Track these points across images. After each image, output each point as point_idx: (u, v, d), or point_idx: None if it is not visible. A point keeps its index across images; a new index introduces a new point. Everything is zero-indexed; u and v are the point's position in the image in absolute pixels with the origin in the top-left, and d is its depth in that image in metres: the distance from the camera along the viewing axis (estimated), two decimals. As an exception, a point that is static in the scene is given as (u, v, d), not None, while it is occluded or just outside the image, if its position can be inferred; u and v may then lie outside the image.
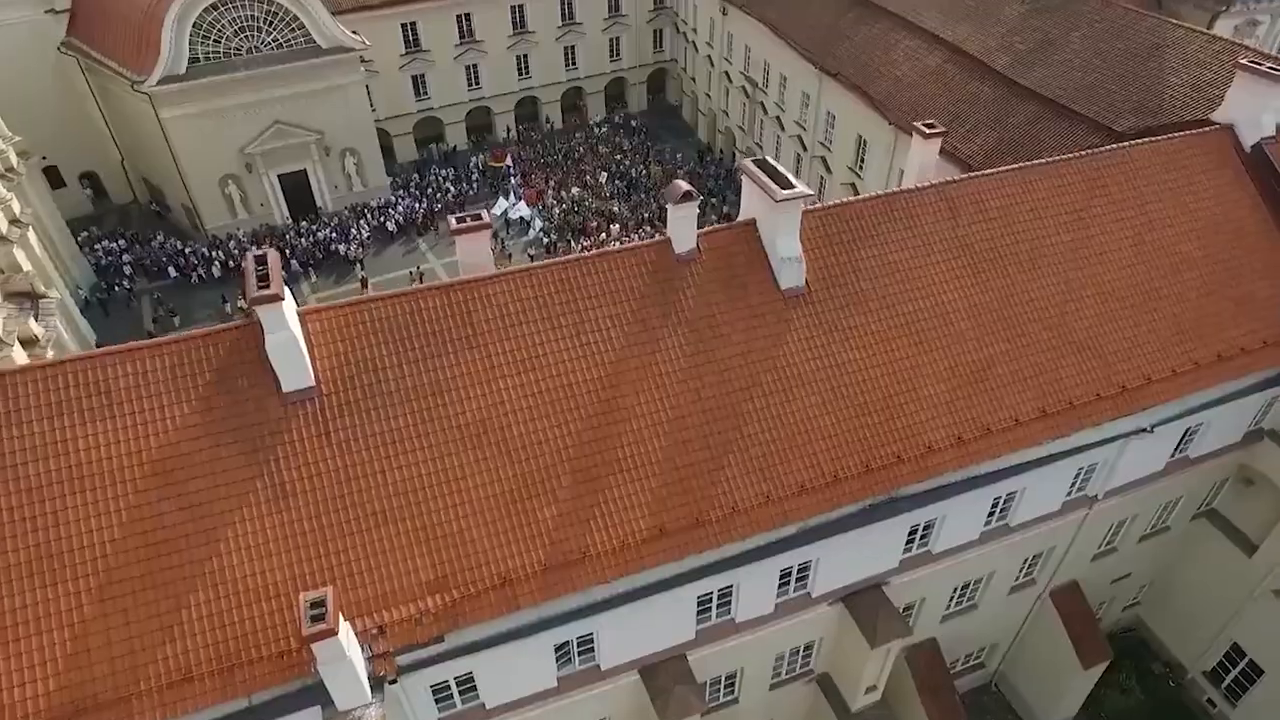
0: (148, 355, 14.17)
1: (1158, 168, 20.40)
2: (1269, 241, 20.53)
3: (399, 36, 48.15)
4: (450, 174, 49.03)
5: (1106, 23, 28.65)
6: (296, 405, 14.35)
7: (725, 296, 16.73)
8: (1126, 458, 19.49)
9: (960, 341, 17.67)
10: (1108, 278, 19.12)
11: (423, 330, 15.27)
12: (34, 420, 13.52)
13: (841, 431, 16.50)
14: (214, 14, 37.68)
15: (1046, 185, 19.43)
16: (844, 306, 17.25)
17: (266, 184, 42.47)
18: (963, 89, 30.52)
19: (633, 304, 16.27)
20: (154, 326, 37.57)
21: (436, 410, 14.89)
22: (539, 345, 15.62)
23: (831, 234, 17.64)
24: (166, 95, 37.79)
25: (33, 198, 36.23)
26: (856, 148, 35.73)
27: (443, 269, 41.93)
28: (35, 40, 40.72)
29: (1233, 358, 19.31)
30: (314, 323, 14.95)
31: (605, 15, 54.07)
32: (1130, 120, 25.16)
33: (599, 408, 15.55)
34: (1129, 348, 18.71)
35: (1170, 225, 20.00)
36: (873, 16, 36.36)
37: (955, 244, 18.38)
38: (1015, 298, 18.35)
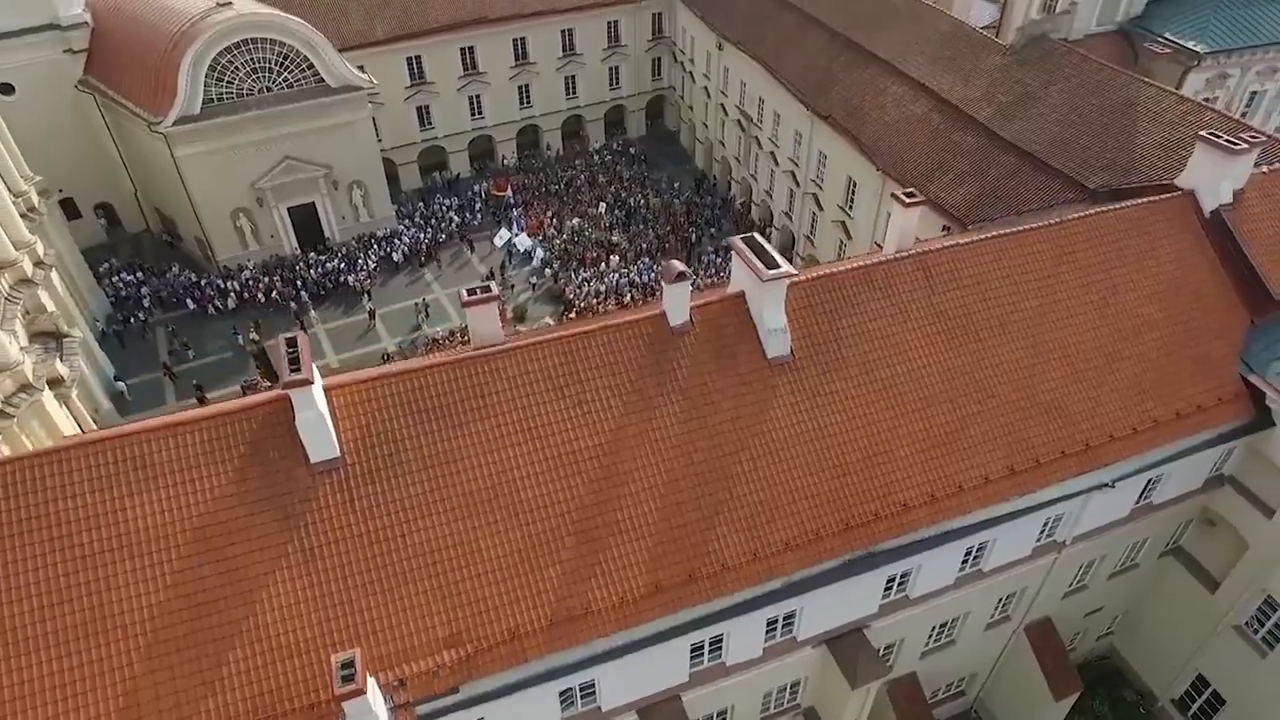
0: (187, 430, 15.53)
1: (1123, 233, 21.78)
2: (1226, 303, 21.91)
3: (404, 70, 49.52)
4: (454, 203, 50.35)
5: (1083, 78, 30.05)
6: (323, 475, 15.71)
7: (716, 365, 18.10)
8: (1091, 508, 20.87)
9: (934, 404, 19.05)
10: (1074, 340, 20.50)
11: (437, 402, 16.64)
12: (86, 492, 14.89)
13: (823, 491, 17.88)
14: (228, 57, 39.04)
15: (1017, 253, 20.82)
16: (826, 373, 18.62)
17: (276, 216, 43.82)
18: (947, 138, 31.91)
19: (631, 374, 17.64)
20: (169, 358, 38.89)
21: (451, 477, 16.26)
22: (545, 415, 16.98)
23: (815, 304, 19.02)
24: (181, 135, 39.14)
25: (53, 234, 37.59)
26: (847, 188, 37.12)
27: (447, 299, 43.27)
28: (53, 78, 42.06)
29: (1190, 415, 20.70)
30: (338, 397, 16.30)
31: (605, 46, 55.47)
32: (1102, 178, 26.55)
33: (600, 472, 16.92)
34: (1093, 407, 20.09)
35: (1133, 289, 21.38)
36: (863, 61, 37.75)
37: (930, 311, 19.77)
38: (986, 361, 19.74)
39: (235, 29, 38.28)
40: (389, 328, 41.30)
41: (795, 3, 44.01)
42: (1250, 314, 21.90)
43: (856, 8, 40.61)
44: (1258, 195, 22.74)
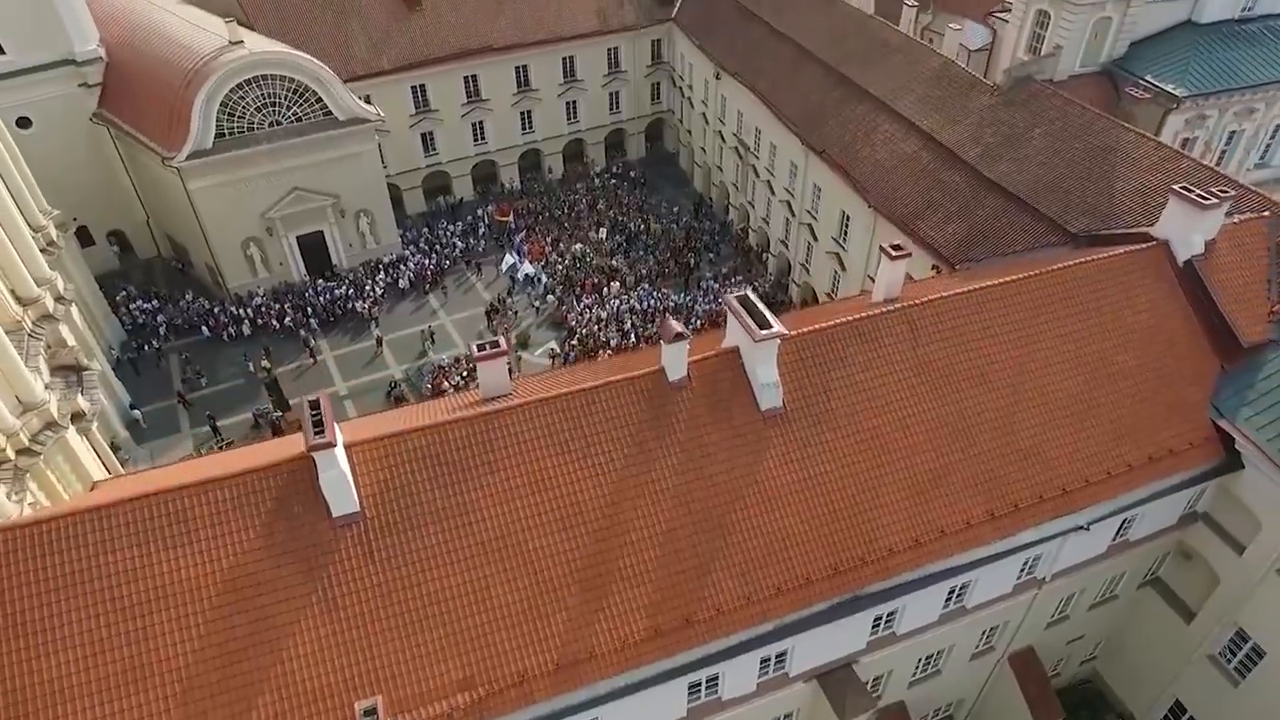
0: (219, 487, 16.62)
1: (1100, 283, 22.89)
2: (1198, 350, 23.01)
3: (409, 98, 50.70)
4: (458, 228, 51.48)
5: (1066, 121, 31.16)
6: (344, 528, 16.81)
7: (712, 418, 19.21)
8: (1069, 547, 21.94)
9: (918, 452, 20.15)
10: (1051, 388, 21.61)
11: (450, 458, 17.74)
12: (124, 547, 15.99)
13: (813, 537, 18.98)
14: (239, 92, 40.19)
15: (997, 304, 21.94)
16: (816, 424, 19.73)
17: (285, 245, 44.96)
18: (936, 177, 33.03)
19: (631, 428, 18.74)
20: (183, 386, 39.99)
21: (463, 529, 17.36)
22: (550, 468, 18.08)
23: (805, 358, 20.14)
24: (194, 169, 40.28)
25: (70, 265, 38.70)
26: (840, 221, 38.25)
27: (452, 325, 44.39)
28: (69, 111, 43.24)
29: (1162, 459, 21.80)
30: (357, 453, 17.40)
31: (605, 72, 56.64)
32: (1083, 223, 27.67)
33: (602, 523, 18.01)
34: (1069, 453, 21.19)
35: (1109, 337, 22.50)
36: (856, 97, 38.88)
37: (915, 362, 20.88)
38: (967, 410, 20.84)
39: (247, 67, 39.44)
40: (396, 354, 42.42)
41: (791, 35, 45.18)
42: (1221, 360, 23.00)
43: (850, 43, 41.78)
44: (1228, 245, 23.85)
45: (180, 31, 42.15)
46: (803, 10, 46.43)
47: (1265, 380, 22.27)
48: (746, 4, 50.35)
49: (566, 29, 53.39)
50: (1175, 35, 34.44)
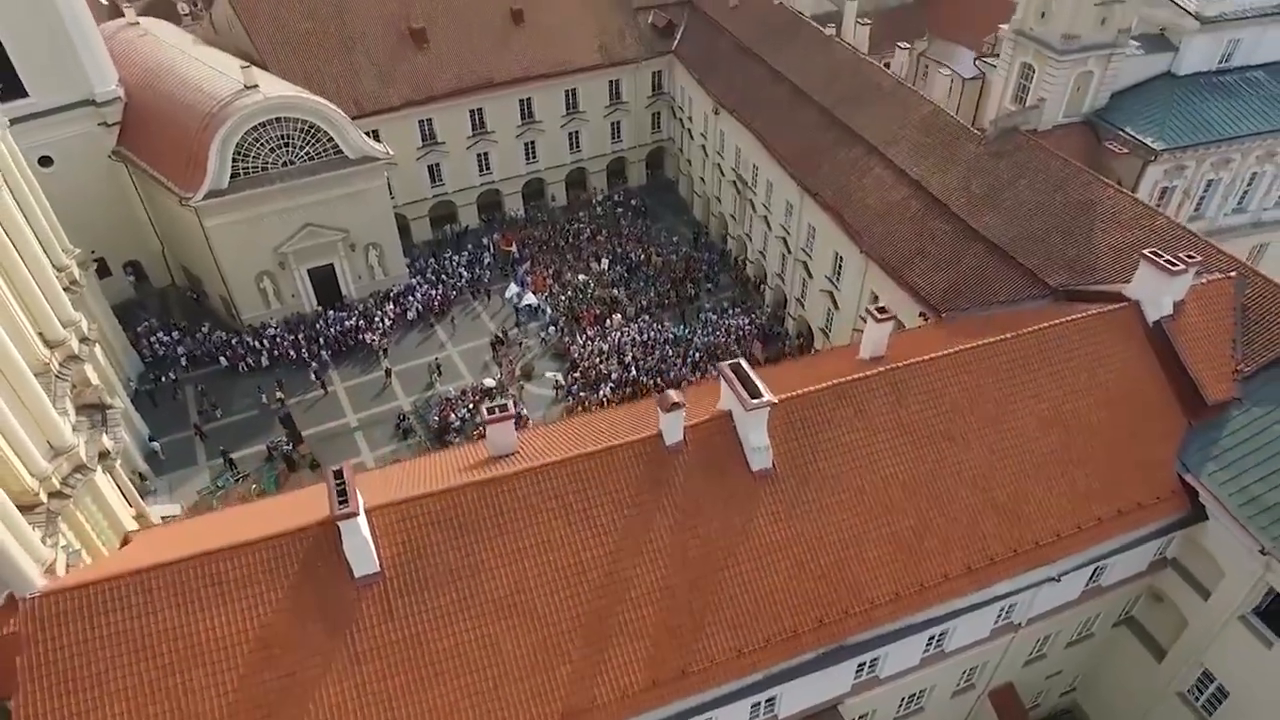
0: (251, 551, 18.00)
1: (1074, 344, 24.23)
2: (1166, 408, 24.33)
3: (416, 131, 52.18)
4: (463, 258, 52.90)
5: (1049, 174, 32.48)
6: (365, 588, 18.19)
7: (706, 480, 20.57)
8: (1043, 595, 23.30)
9: (900, 510, 21.51)
10: (1026, 446, 22.94)
11: (463, 521, 19.10)
12: (165, 608, 17.38)
13: (800, 591, 20.34)
14: (254, 134, 41.64)
15: (976, 366, 23.29)
16: (804, 484, 21.09)
17: (297, 277, 46.40)
18: (924, 225, 34.40)
19: (631, 490, 20.11)
20: (199, 418, 41.41)
21: (475, 587, 18.73)
22: (556, 529, 19.45)
23: (794, 421, 21.49)
24: (210, 207, 41.74)
25: (91, 302, 40.12)
26: (834, 261, 39.61)
27: (458, 356, 45.79)
28: (89, 149, 44.73)
29: (1131, 512, 23.14)
30: (377, 517, 18.78)
31: (607, 103, 58.10)
32: (1062, 277, 29.01)
33: (604, 580, 19.38)
34: (1042, 508, 22.54)
35: (1083, 396, 23.83)
36: (849, 141, 40.26)
37: (897, 423, 22.23)
38: (947, 469, 22.20)
39: (262, 111, 40.90)
40: (404, 385, 43.82)
41: (788, 75, 46.59)
42: (1188, 417, 24.33)
43: (844, 85, 43.16)
44: (1196, 307, 25.20)
45: (197, 74, 43.61)
46: (799, 49, 47.86)
47: (1228, 437, 23.63)
48: (745, 41, 51.81)
49: (569, 63, 54.88)
50: (1155, 86, 35.81)
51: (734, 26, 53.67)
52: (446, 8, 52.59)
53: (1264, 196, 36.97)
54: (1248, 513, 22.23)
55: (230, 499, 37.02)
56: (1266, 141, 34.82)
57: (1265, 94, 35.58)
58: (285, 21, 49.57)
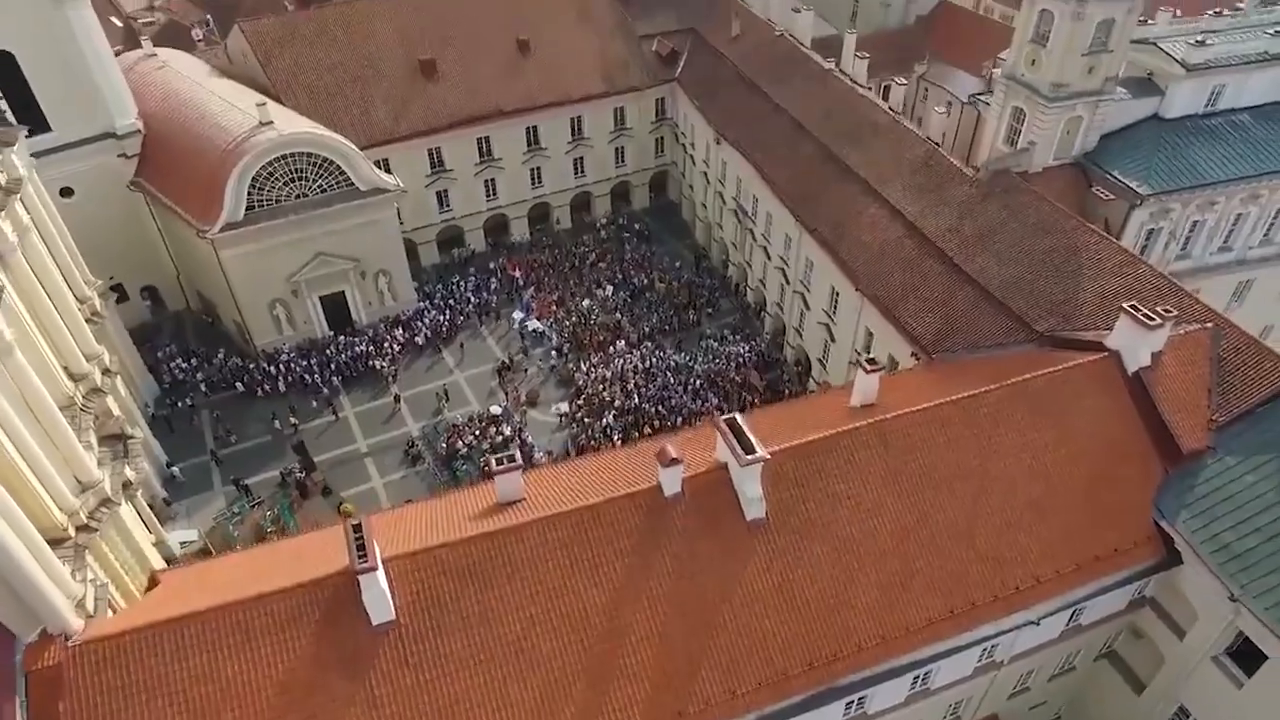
0: (275, 601, 19.26)
1: (1055, 395, 25.40)
2: (1144, 456, 25.44)
3: (425, 160, 53.47)
4: (470, 284, 54.17)
5: (1038, 218, 33.59)
6: (382, 635, 19.42)
7: (702, 529, 21.77)
8: (1024, 636, 24.45)
9: (886, 557, 22.68)
10: (1009, 494, 24.10)
11: (473, 570, 20.33)
12: (195, 654, 18.64)
13: (790, 636, 21.53)
14: (269, 168, 42.93)
15: (961, 418, 24.46)
16: (795, 532, 22.28)
17: (310, 304, 47.70)
18: (917, 266, 35.52)
19: (632, 539, 21.33)
20: (214, 444, 42.71)
21: (485, 632, 19.95)
22: (561, 577, 20.66)
23: (787, 471, 22.67)
24: (226, 239, 43.02)
25: (112, 332, 41.44)
26: (831, 295, 40.75)
27: (465, 382, 47.03)
28: (108, 180, 46.05)
29: (1108, 558, 24.29)
30: (394, 566, 20.02)
31: (611, 129, 59.35)
32: (1049, 323, 30.14)
33: (605, 625, 20.59)
34: (1023, 554, 23.69)
35: (1063, 446, 24.98)
36: (846, 177, 41.40)
37: (885, 473, 23.41)
38: (931, 517, 23.36)
39: (277, 147, 42.21)
40: (413, 411, 45.07)
41: (786, 108, 47.77)
42: (1165, 464, 25.45)
43: (841, 120, 44.31)
44: (1173, 358, 26.34)
45: (213, 109, 44.93)
46: (798, 82, 49.03)
47: (1202, 485, 24.74)
48: (745, 71, 53.02)
49: (575, 92, 56.12)
50: (1143, 129, 36.89)
51: (735, 56, 54.89)
52: (455, 39, 53.91)
53: (1249, 235, 38.07)
54: (1219, 559, 23.34)
55: (246, 525, 38.31)
56: (1250, 185, 35.91)
57: (1249, 138, 36.67)
58: (298, 56, 50.93)
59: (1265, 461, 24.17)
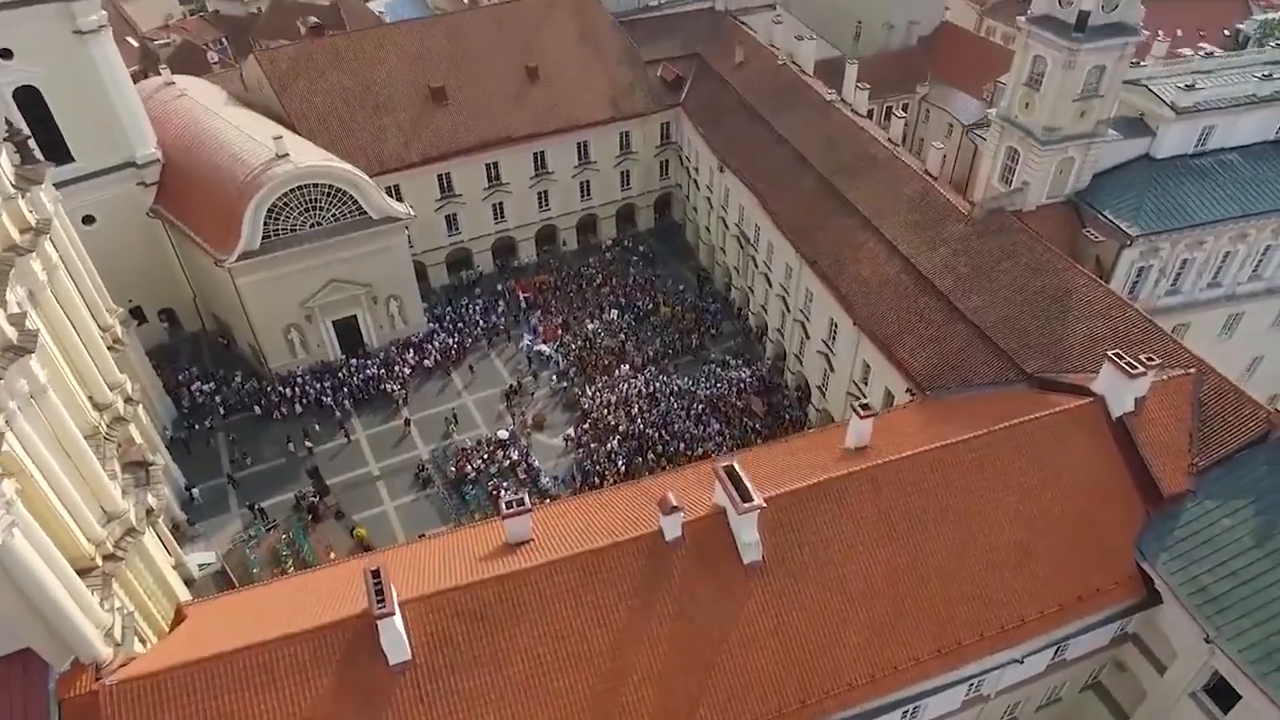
0: (299, 641, 20.47)
1: (1041, 440, 26.47)
2: (1126, 499, 26.51)
3: (435, 185, 54.75)
4: (479, 306, 55.40)
5: (1030, 257, 34.65)
6: (398, 674, 20.60)
7: (702, 572, 22.92)
8: (1010, 671, 25.53)
9: (877, 598, 23.80)
10: (995, 537, 25.20)
11: (485, 612, 21.50)
12: (224, 693, 19.86)
13: (784, 674, 22.66)
14: (284, 199, 44.22)
15: (950, 462, 25.55)
16: (790, 575, 23.41)
17: (322, 328, 48.97)
18: (913, 302, 36.57)
19: (634, 582, 22.48)
20: (230, 467, 44.02)
21: (495, 672, 21.11)
22: (567, 618, 21.82)
23: (782, 517, 23.78)
24: (243, 268, 44.32)
25: (133, 359, 42.74)
26: (830, 326, 41.84)
27: (473, 405, 48.23)
28: (128, 207, 47.43)
29: (1090, 598, 25.37)
30: (410, 609, 21.20)
31: (617, 154, 60.56)
32: (1038, 363, 31.19)
33: (608, 665, 21.75)
34: (1008, 595, 24.78)
35: (1048, 489, 26.06)
36: (846, 211, 42.47)
37: (876, 516, 24.52)
38: (920, 559, 24.47)
39: (293, 179, 43.50)
40: (423, 434, 46.29)
41: (788, 139, 48.87)
42: (1147, 507, 26.51)
43: (841, 153, 45.39)
44: (1157, 403, 27.39)
45: (231, 140, 46.23)
46: (800, 113, 50.13)
47: (1182, 528, 25.81)
48: (748, 99, 54.14)
49: (582, 118, 57.35)
50: (1134, 169, 37.87)
51: (738, 84, 56.01)
52: (465, 66, 55.20)
53: (1238, 271, 39.04)
54: (1195, 601, 24.40)
55: (262, 548, 39.57)
56: (1238, 225, 36.91)
57: (1238, 178, 37.63)
58: (312, 83, 52.23)
59: (1241, 507, 25.26)
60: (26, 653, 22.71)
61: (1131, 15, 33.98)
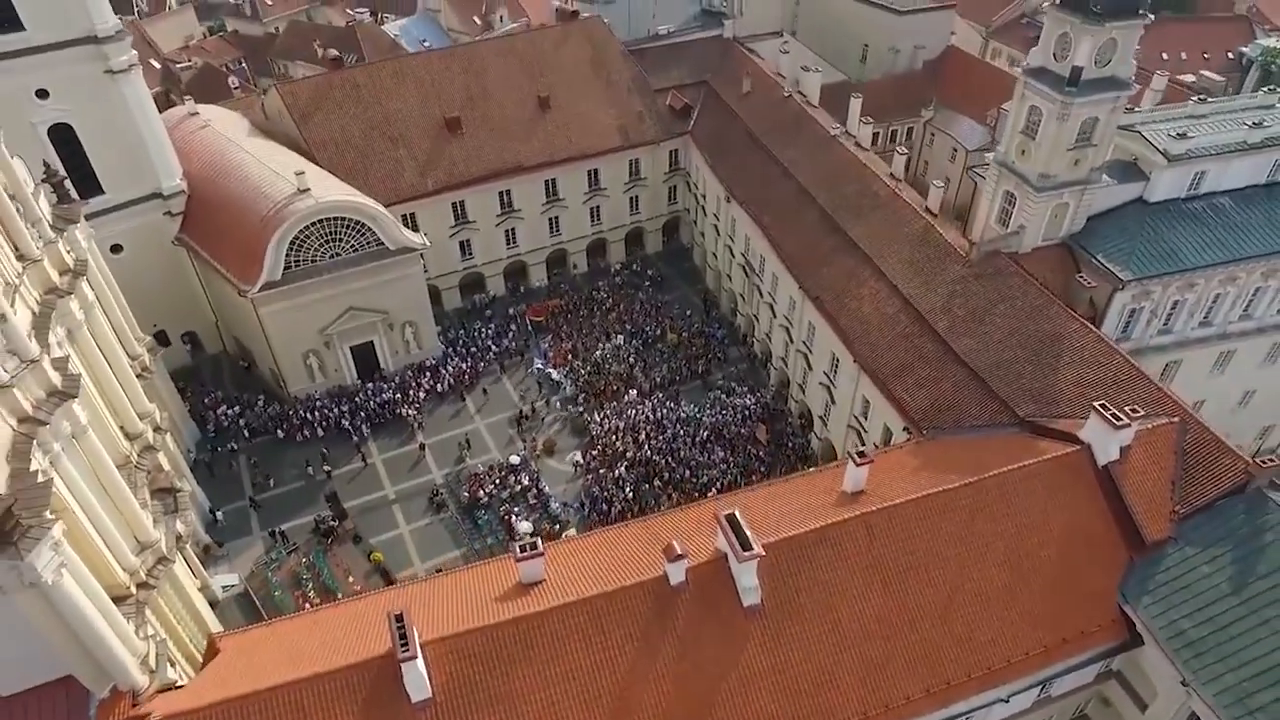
0: (327, 680, 21.97)
1: (1029, 488, 27.76)
2: (1111, 544, 27.77)
3: (449, 213, 56.32)
4: (491, 330, 56.95)
5: (1024, 301, 35.93)
6: (419, 711, 22.08)
7: (704, 615, 24.33)
8: (996, 710, 26.84)
9: (870, 639, 25.17)
10: (983, 581, 26.52)
11: (501, 653, 22.96)
12: (256, 731, 21.40)
13: (780, 713, 24.04)
14: (305, 232, 45.84)
15: (941, 509, 26.89)
16: (787, 617, 24.80)
17: (340, 354, 50.60)
18: (911, 342, 37.88)
19: (641, 625, 23.91)
20: (252, 490, 45.66)
21: (510, 711, 22.55)
22: (577, 659, 23.27)
23: (780, 562, 25.17)
24: (265, 298, 45.95)
25: (159, 383, 44.43)
26: (831, 360, 43.16)
27: (485, 430, 49.75)
28: (154, 236, 49.17)
29: (1074, 640, 26.66)
30: (430, 650, 22.69)
31: (626, 180, 62.02)
32: (1029, 408, 32.46)
33: (615, 704, 23.17)
34: (995, 638, 26.10)
35: (1035, 535, 27.36)
36: (848, 248, 43.78)
37: (869, 561, 25.89)
38: (911, 601, 25.81)
39: (314, 214, 45.13)
40: (437, 459, 47.83)
41: (793, 172, 50.19)
42: (1130, 552, 27.77)
43: (844, 190, 46.68)
44: (1141, 452, 28.63)
45: (254, 173, 47.88)
46: (805, 146, 51.43)
47: (1163, 573, 27.06)
48: (755, 130, 55.47)
49: (593, 146, 58.85)
50: (1127, 212, 38.99)
51: (745, 114, 57.35)
52: (479, 97, 56.76)
53: (1228, 311, 40.13)
54: (1174, 645, 25.65)
55: (283, 570, 41.16)
56: (1228, 269, 38.05)
57: (1229, 222, 38.72)
58: (331, 115, 53.87)
59: (1219, 555, 26.50)
60: (69, 679, 24.29)
61: (1124, 70, 35.19)
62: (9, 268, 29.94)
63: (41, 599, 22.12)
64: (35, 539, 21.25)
